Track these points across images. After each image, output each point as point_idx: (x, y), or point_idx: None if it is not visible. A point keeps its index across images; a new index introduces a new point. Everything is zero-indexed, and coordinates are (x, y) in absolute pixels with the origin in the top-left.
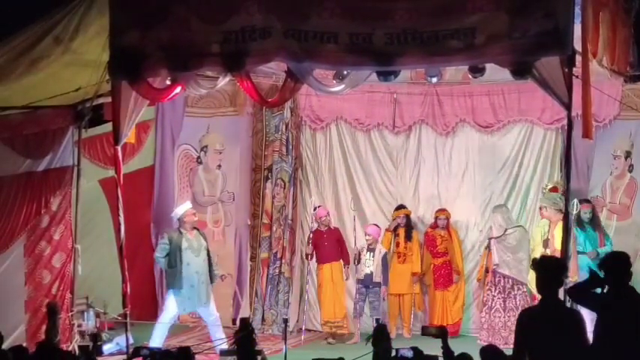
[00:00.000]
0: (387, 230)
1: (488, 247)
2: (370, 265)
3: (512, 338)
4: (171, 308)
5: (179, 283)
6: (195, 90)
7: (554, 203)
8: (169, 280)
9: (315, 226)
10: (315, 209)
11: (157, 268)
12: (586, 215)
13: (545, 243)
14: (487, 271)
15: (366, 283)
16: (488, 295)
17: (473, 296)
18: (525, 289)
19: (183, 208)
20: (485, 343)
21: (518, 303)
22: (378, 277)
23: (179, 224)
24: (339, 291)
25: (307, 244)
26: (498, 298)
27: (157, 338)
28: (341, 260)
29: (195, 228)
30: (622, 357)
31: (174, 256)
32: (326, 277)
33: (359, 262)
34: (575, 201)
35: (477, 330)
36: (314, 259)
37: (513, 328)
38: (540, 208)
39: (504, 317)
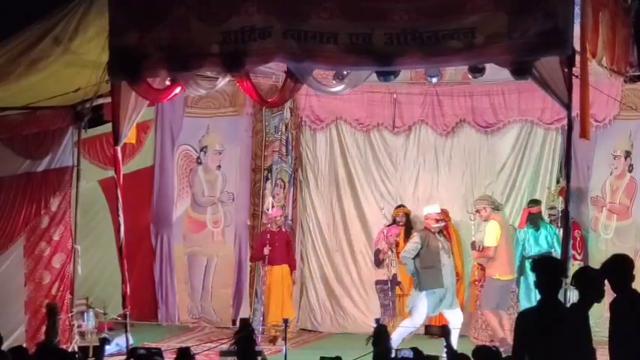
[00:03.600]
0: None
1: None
2: (395, 265)
3: (496, 336)
4: (422, 309)
5: (438, 282)
6: (195, 90)
7: (492, 202)
8: (424, 281)
9: (271, 226)
10: (268, 210)
11: (157, 268)
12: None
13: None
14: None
15: (395, 282)
16: (478, 294)
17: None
18: (515, 291)
19: (431, 209)
20: (480, 342)
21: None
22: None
23: (425, 224)
24: (288, 294)
25: (263, 245)
26: None
27: (399, 339)
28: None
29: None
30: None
31: (431, 256)
32: (276, 280)
33: (381, 262)
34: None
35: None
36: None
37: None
38: (478, 211)
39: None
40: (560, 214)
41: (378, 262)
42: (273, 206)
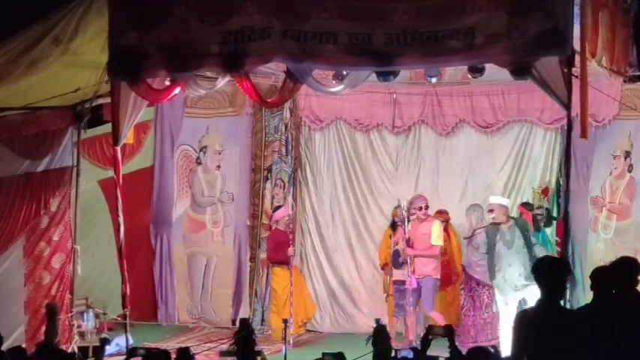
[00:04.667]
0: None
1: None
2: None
3: (480, 337)
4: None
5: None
6: (195, 90)
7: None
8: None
9: (276, 226)
10: (275, 210)
11: (156, 268)
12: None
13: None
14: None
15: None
16: (460, 294)
17: None
18: (490, 290)
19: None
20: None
21: (483, 303)
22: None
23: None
24: (304, 293)
25: (287, 244)
26: (468, 297)
27: None
28: (299, 262)
29: None
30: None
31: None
32: (299, 279)
33: (401, 264)
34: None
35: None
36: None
37: (480, 327)
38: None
39: (473, 316)
40: (546, 214)
41: (398, 264)
42: (280, 206)
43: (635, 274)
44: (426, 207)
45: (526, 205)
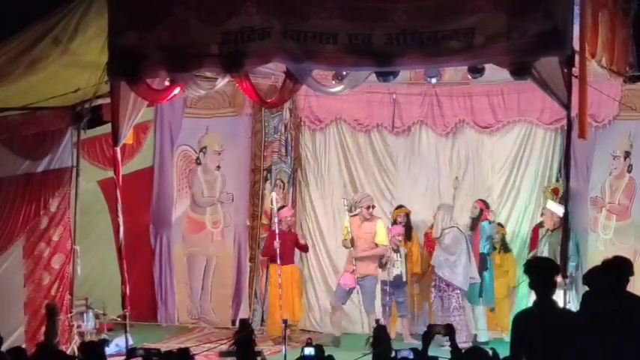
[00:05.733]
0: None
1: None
2: (399, 265)
3: (447, 339)
4: None
5: None
6: (195, 91)
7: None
8: None
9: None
10: (279, 209)
11: (156, 269)
12: (475, 211)
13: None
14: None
15: (397, 283)
16: (431, 294)
17: None
18: (459, 291)
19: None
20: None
21: (452, 304)
22: (405, 277)
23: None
24: (298, 293)
25: (269, 245)
26: (437, 298)
27: None
28: (299, 263)
29: None
30: None
31: None
32: (287, 279)
33: (383, 265)
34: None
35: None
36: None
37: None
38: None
39: (442, 317)
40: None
41: (381, 265)
42: (284, 206)
43: (627, 274)
44: (373, 207)
45: (484, 202)
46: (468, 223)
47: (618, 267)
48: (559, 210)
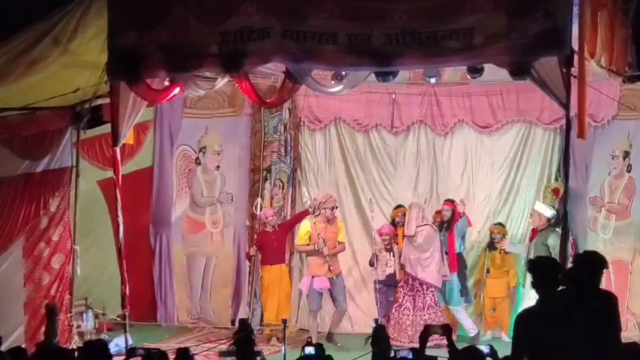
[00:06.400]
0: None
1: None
2: (392, 264)
3: (417, 337)
4: None
5: None
6: (194, 91)
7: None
8: None
9: (267, 227)
10: (259, 210)
11: (156, 269)
12: (447, 213)
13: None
14: (402, 268)
15: (389, 282)
16: (399, 292)
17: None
18: (433, 289)
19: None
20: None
21: (426, 303)
22: (399, 276)
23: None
24: (286, 293)
25: (251, 245)
26: (408, 297)
27: None
28: (287, 262)
29: None
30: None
31: None
32: (274, 279)
33: (372, 264)
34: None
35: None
36: (257, 259)
37: (420, 328)
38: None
39: (412, 316)
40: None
41: (371, 263)
42: (262, 207)
43: (600, 268)
44: (336, 207)
45: (452, 201)
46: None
47: (591, 262)
48: (546, 211)
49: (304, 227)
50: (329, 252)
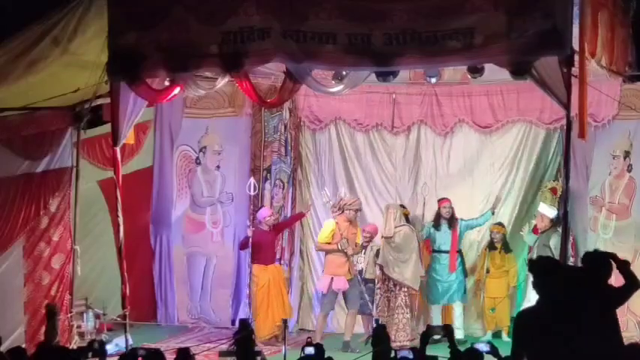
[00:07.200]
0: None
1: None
2: (362, 261)
3: (399, 336)
4: None
5: None
6: (194, 91)
7: None
8: None
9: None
10: (258, 210)
11: (156, 268)
12: (445, 210)
13: None
14: (380, 269)
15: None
16: (377, 293)
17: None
18: (406, 289)
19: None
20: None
21: (397, 302)
22: (369, 274)
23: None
24: (283, 292)
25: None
26: (384, 297)
27: None
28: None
29: None
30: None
31: None
32: (271, 279)
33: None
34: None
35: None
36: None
37: (395, 327)
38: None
39: (387, 316)
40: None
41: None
42: (261, 207)
43: (605, 267)
44: (360, 210)
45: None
46: (446, 223)
47: (596, 262)
48: (549, 212)
49: (328, 226)
50: (352, 252)
